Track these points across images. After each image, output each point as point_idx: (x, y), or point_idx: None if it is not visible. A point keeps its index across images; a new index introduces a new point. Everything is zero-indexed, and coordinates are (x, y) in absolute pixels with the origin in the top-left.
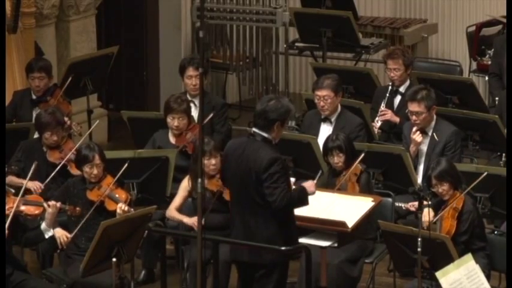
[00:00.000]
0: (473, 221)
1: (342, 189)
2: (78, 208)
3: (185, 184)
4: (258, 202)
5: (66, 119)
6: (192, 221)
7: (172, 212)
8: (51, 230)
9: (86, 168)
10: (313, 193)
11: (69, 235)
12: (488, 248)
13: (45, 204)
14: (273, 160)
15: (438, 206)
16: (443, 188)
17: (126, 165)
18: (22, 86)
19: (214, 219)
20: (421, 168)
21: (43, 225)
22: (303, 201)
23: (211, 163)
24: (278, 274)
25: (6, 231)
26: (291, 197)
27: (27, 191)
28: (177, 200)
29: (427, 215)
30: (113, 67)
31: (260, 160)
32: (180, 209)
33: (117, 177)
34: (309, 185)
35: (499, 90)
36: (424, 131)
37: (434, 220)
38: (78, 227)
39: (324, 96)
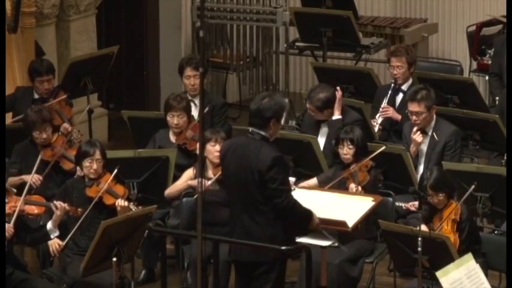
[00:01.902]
0: (470, 227)
1: (352, 177)
2: (80, 209)
3: (190, 173)
4: (260, 201)
5: (67, 125)
6: (195, 182)
7: (171, 187)
8: (57, 231)
9: (86, 163)
10: (316, 223)
11: (61, 243)
12: (482, 247)
13: (52, 206)
14: (276, 159)
15: (429, 215)
16: (439, 199)
17: (118, 166)
18: None
19: (220, 214)
20: (421, 168)
21: (49, 226)
22: (305, 220)
23: (215, 149)
24: (277, 273)
25: (12, 230)
26: (297, 205)
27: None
28: (180, 183)
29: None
30: (113, 67)
31: (263, 159)
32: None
33: (114, 172)
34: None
35: (500, 90)
36: (424, 131)
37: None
38: (76, 227)
39: (310, 108)
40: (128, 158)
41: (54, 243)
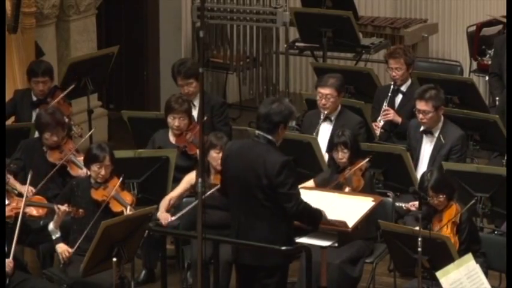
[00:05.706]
0: (470, 228)
1: (347, 183)
2: (81, 210)
3: (190, 177)
4: (262, 205)
5: (66, 119)
6: (163, 216)
7: (164, 200)
8: (58, 232)
9: (95, 168)
10: (326, 220)
11: (70, 250)
12: (482, 247)
13: (56, 208)
14: (284, 163)
15: (428, 215)
16: (439, 200)
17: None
18: (22, 86)
19: (214, 216)
20: (423, 168)
21: (51, 227)
22: (316, 220)
23: (220, 157)
24: (279, 276)
25: (11, 266)
26: (307, 206)
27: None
28: (177, 190)
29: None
30: (113, 67)
31: (271, 164)
32: (176, 199)
33: (121, 178)
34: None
35: (500, 90)
36: (430, 132)
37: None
38: (86, 231)
39: (327, 94)
40: (128, 158)
41: (64, 251)
